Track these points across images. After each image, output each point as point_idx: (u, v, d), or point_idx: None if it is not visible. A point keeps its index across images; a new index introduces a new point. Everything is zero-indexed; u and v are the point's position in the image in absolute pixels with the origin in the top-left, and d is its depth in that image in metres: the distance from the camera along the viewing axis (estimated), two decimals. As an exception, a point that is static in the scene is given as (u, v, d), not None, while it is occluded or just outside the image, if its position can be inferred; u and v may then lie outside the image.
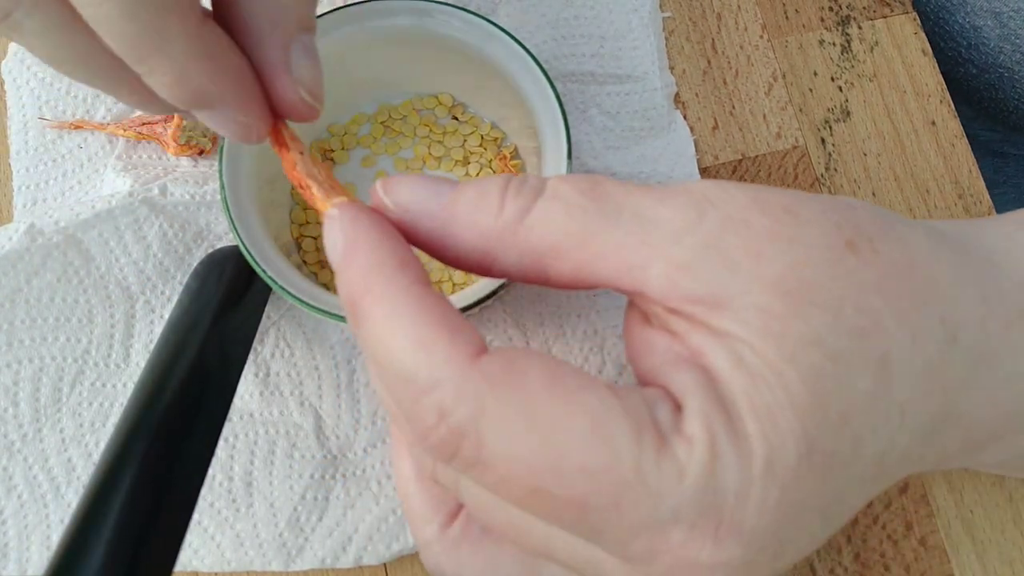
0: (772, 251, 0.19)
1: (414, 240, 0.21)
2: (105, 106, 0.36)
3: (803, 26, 0.38)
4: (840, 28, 0.38)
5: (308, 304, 0.27)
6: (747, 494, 0.18)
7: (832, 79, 0.37)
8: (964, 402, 0.21)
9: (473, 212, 0.20)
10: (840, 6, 0.38)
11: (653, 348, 0.21)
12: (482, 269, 0.21)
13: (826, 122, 0.37)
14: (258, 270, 0.28)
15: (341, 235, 0.20)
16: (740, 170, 0.36)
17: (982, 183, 0.36)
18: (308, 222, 0.33)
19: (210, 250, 0.32)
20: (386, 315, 0.19)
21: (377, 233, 0.20)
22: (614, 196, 0.20)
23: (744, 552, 0.18)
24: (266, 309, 0.31)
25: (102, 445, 0.31)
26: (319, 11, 0.37)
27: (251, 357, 0.32)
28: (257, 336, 0.31)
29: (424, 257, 0.33)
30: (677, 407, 0.19)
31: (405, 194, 0.21)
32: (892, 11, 0.38)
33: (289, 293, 0.28)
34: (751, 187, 0.20)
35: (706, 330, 0.19)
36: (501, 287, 0.28)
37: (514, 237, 0.20)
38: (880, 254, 0.20)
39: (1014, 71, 0.42)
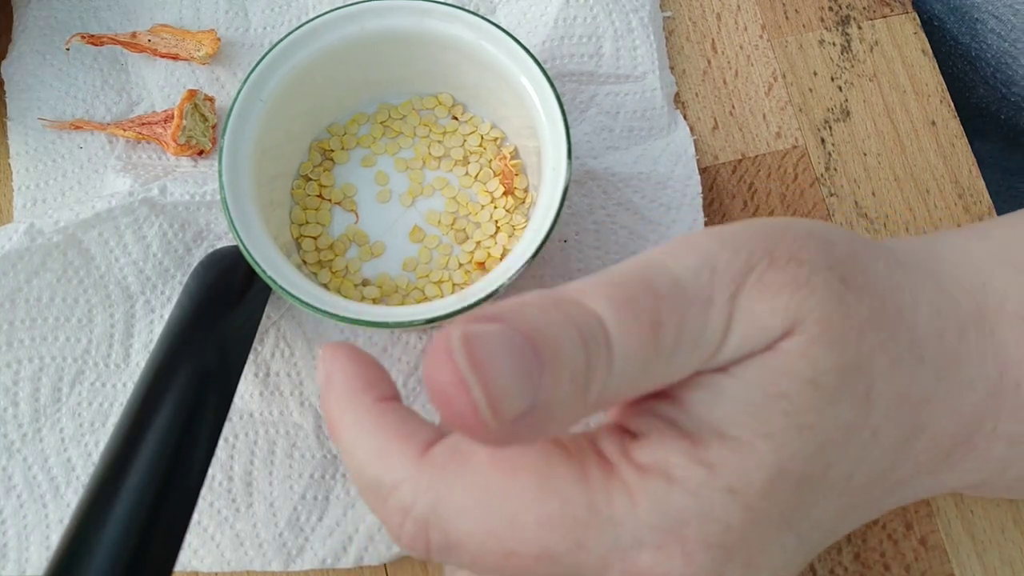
0: (794, 301, 0.20)
1: (495, 443, 0.19)
2: (105, 106, 0.36)
3: (803, 26, 0.38)
4: (840, 28, 0.38)
5: (308, 304, 0.27)
6: (709, 514, 0.19)
7: (832, 79, 0.37)
8: (927, 414, 0.22)
9: (568, 404, 0.19)
10: (840, 6, 0.38)
11: None
12: None
13: (826, 122, 0.37)
14: (258, 270, 0.28)
15: (322, 369, 0.22)
16: (740, 170, 0.36)
17: (982, 183, 0.36)
18: (308, 222, 0.34)
19: (210, 250, 0.32)
20: (352, 435, 0.21)
21: (349, 362, 0.22)
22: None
23: (716, 563, 0.19)
24: (266, 309, 0.31)
25: (102, 445, 0.31)
26: (319, 10, 0.37)
27: (251, 357, 0.32)
28: (257, 336, 0.31)
29: (423, 256, 0.33)
30: (630, 436, 0.20)
31: (505, 391, 0.17)
32: (892, 11, 0.38)
33: (289, 293, 0.28)
34: (762, 237, 0.21)
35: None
36: (501, 288, 0.28)
37: (601, 405, 0.20)
38: (864, 289, 0.21)
39: None
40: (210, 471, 0.30)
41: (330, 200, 0.34)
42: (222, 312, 0.29)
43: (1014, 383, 0.23)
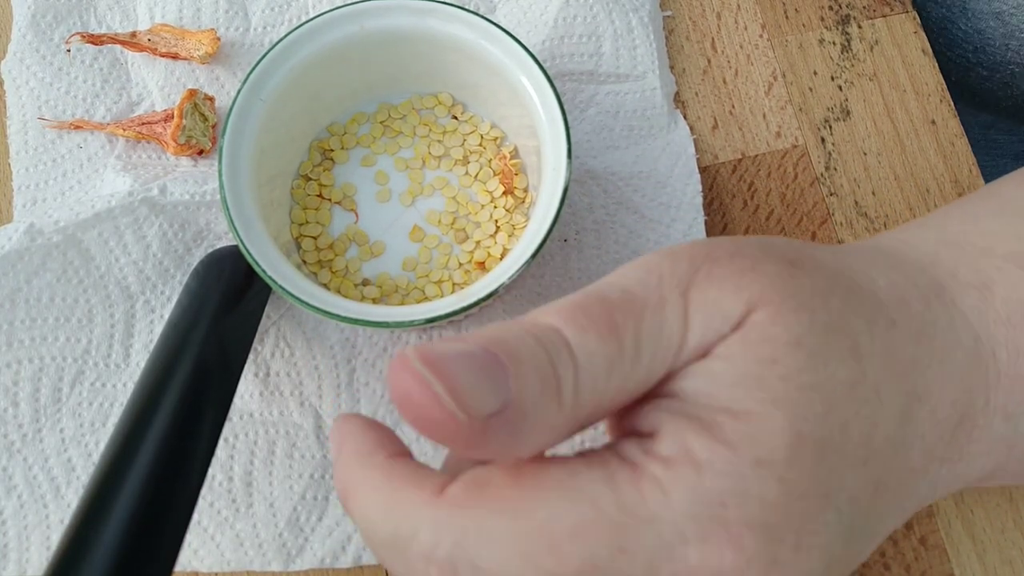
0: (745, 282, 0.20)
1: (476, 447, 0.18)
2: (105, 106, 0.36)
3: (803, 25, 0.38)
4: (840, 27, 0.38)
5: (308, 304, 0.27)
6: (745, 491, 0.18)
7: (832, 78, 0.37)
8: (921, 380, 0.22)
9: (541, 404, 0.18)
10: (840, 5, 0.38)
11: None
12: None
13: (826, 121, 0.37)
14: (258, 270, 0.28)
15: (334, 440, 0.22)
16: (740, 169, 0.36)
17: (982, 182, 0.36)
18: (308, 222, 0.33)
19: (210, 250, 0.32)
20: (363, 494, 0.20)
21: (359, 428, 0.21)
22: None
23: (766, 545, 0.18)
24: (266, 309, 0.31)
25: (102, 445, 0.31)
26: (319, 10, 0.37)
27: (251, 357, 0.32)
28: (257, 336, 0.31)
29: (423, 256, 0.33)
30: (648, 436, 0.20)
31: (469, 387, 0.17)
32: (892, 10, 0.38)
33: (289, 293, 0.27)
34: (702, 245, 0.21)
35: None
36: (501, 287, 0.28)
37: (581, 412, 0.20)
38: (816, 267, 0.21)
39: (1023, 65, 0.43)
40: (210, 471, 0.30)
41: (330, 200, 0.34)
42: (222, 312, 0.29)
43: (990, 351, 0.23)
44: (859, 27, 0.38)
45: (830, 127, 0.37)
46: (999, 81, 0.45)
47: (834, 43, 0.38)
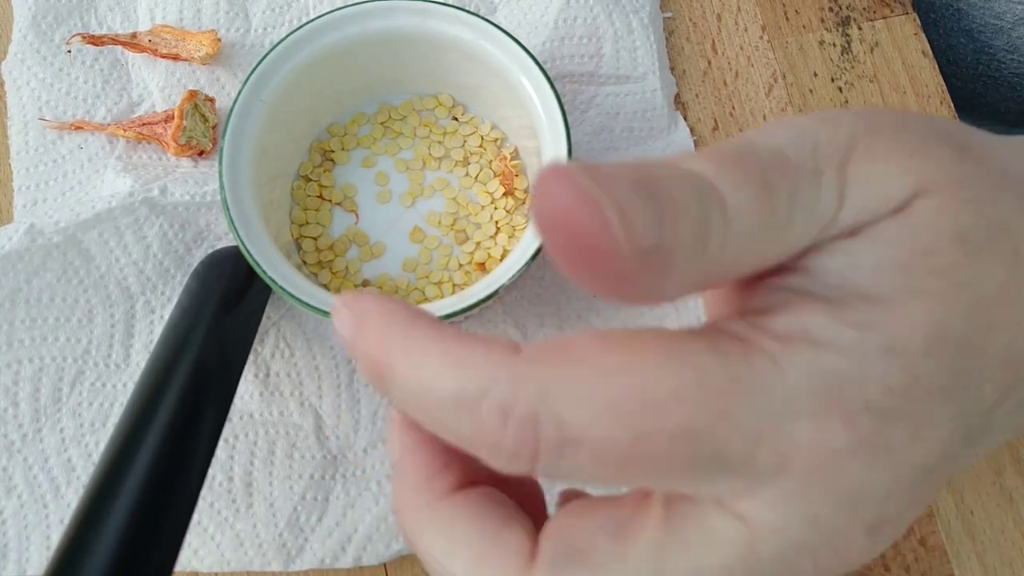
0: (914, 164, 0.18)
1: (620, 285, 0.17)
2: (105, 107, 0.36)
3: (803, 27, 0.38)
4: (840, 29, 0.38)
5: (308, 304, 0.27)
6: (866, 375, 0.17)
7: (832, 80, 0.37)
8: None
9: (689, 255, 0.17)
10: (840, 7, 0.38)
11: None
12: None
13: (826, 123, 0.37)
14: (258, 270, 0.28)
15: (348, 311, 0.19)
16: (740, 171, 0.36)
17: (982, 184, 0.36)
18: (308, 222, 0.34)
19: (210, 250, 0.32)
20: (414, 356, 0.18)
21: (383, 299, 0.19)
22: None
23: (881, 430, 0.17)
24: (266, 309, 0.31)
25: (102, 445, 0.31)
26: (319, 11, 0.37)
27: (251, 357, 0.32)
28: (257, 336, 0.31)
29: (424, 257, 0.33)
30: (755, 315, 0.18)
31: (640, 213, 0.16)
32: (892, 12, 0.38)
33: (289, 293, 0.28)
34: (863, 115, 0.19)
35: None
36: (501, 288, 0.28)
37: (717, 271, 0.18)
38: (986, 156, 0.19)
39: (995, 79, 0.43)
40: (210, 471, 0.30)
41: (330, 201, 0.34)
42: (222, 312, 0.29)
43: None
44: (859, 29, 0.38)
45: (830, 128, 0.37)
46: (972, 91, 0.46)
47: (834, 45, 0.38)
